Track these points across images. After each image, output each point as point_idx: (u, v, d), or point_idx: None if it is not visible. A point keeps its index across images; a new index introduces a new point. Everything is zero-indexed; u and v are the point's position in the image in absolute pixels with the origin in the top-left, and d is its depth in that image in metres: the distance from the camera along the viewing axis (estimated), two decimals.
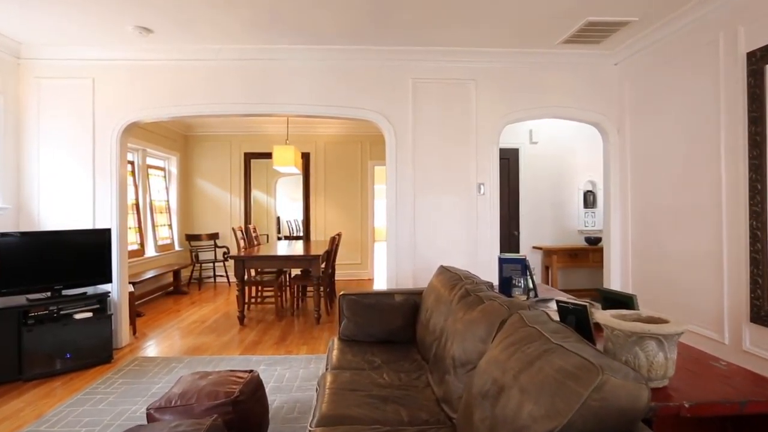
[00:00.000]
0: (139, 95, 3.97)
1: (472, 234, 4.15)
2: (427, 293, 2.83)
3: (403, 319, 2.82)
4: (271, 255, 4.77)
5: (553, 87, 4.17)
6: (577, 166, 5.81)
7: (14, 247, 3.41)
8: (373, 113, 4.09)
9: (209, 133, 7.51)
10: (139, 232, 6.07)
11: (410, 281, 4.09)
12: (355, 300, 2.90)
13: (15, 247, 3.41)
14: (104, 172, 3.95)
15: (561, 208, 5.82)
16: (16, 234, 3.45)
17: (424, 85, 4.11)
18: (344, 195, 7.62)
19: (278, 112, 4.05)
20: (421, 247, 4.12)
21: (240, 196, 7.57)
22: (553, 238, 5.79)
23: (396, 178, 4.11)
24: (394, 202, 4.11)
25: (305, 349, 3.94)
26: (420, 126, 4.12)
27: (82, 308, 3.58)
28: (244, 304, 4.75)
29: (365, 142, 7.59)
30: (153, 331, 4.57)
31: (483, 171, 4.16)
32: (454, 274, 2.70)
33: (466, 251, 4.15)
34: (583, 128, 5.76)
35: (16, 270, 3.40)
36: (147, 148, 6.31)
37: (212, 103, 4.00)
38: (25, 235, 3.46)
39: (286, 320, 4.95)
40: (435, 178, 4.14)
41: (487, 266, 4.14)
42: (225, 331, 4.54)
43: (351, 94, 4.08)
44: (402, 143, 4.11)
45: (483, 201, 4.16)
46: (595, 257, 5.47)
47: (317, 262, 4.68)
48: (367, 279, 7.63)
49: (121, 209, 3.97)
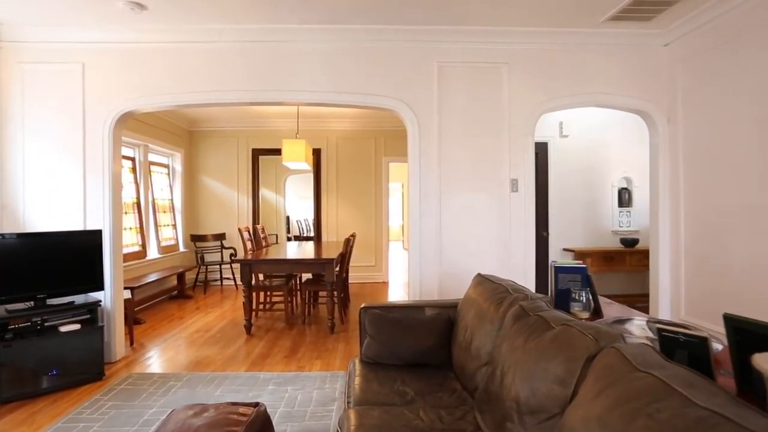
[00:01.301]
0: (134, 82, 3.58)
1: (504, 236, 3.71)
2: (464, 307, 2.40)
3: (436, 337, 2.39)
4: (281, 258, 4.36)
5: (596, 71, 3.71)
6: (611, 162, 5.34)
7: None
8: (394, 101, 3.67)
9: (215, 129, 7.13)
10: (140, 232, 5.71)
11: (435, 289, 3.67)
12: (379, 315, 2.47)
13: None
14: (96, 168, 3.56)
15: (593, 207, 5.35)
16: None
17: (451, 69, 3.68)
18: (357, 193, 7.20)
19: (287, 99, 3.64)
20: (448, 250, 3.69)
21: (247, 195, 7.19)
22: (585, 240, 5.32)
23: (419, 174, 3.68)
24: (418, 200, 3.68)
25: (319, 364, 3.53)
26: (446, 115, 3.68)
27: (70, 319, 3.20)
28: (251, 312, 4.35)
29: (379, 137, 7.17)
30: (152, 341, 4.19)
31: (516, 166, 3.72)
32: (498, 284, 2.27)
33: (498, 255, 3.71)
34: (618, 120, 5.29)
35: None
36: (149, 144, 5.94)
37: (214, 91, 3.60)
38: (2, 238, 3.09)
39: (297, 329, 4.54)
40: (463, 174, 3.70)
41: (520, 272, 3.70)
42: (230, 341, 4.15)
43: (368, 79, 3.66)
44: (426, 135, 3.68)
45: (516, 199, 3.72)
46: (632, 260, 5.00)
47: (331, 267, 4.27)
48: (381, 282, 7.22)
49: (114, 209, 3.59)
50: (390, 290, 6.68)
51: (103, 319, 3.51)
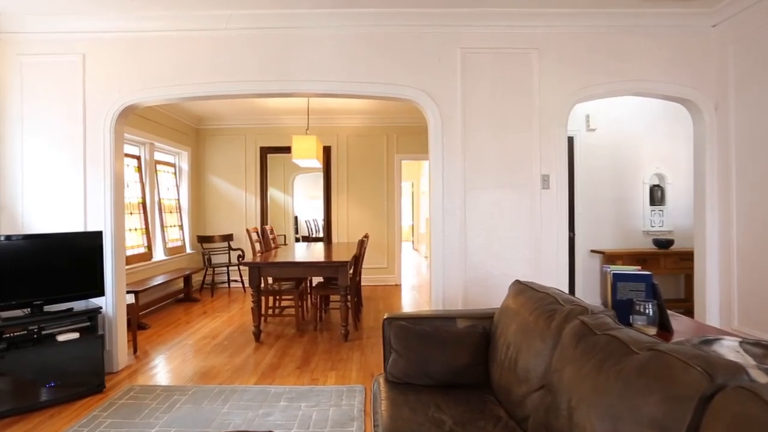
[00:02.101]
0: (136, 73, 3.34)
1: (535, 237, 3.41)
2: (502, 319, 2.12)
3: (471, 353, 2.11)
4: (292, 261, 4.10)
5: (635, 57, 3.40)
6: (643, 157, 5.01)
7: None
8: (414, 90, 3.38)
9: (222, 126, 6.90)
10: (146, 233, 5.48)
11: (459, 296, 3.38)
12: (406, 327, 2.20)
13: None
14: (96, 165, 3.32)
15: (623, 205, 5.03)
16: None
17: (476, 55, 3.39)
18: (369, 192, 6.93)
19: (299, 90, 3.38)
20: (474, 253, 3.40)
21: (255, 194, 6.95)
22: (614, 241, 5.00)
23: (442, 170, 3.39)
24: (441, 199, 3.39)
25: (334, 377, 3.26)
26: (471, 106, 3.40)
27: (68, 327, 2.97)
28: (260, 317, 4.10)
29: (391, 133, 6.89)
30: (157, 348, 3.95)
31: (548, 160, 3.42)
32: (544, 293, 1.99)
33: (528, 258, 3.42)
34: (649, 112, 4.96)
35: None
36: (155, 142, 5.72)
37: (221, 82, 3.34)
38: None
39: (308, 335, 4.28)
40: (489, 170, 3.41)
41: (552, 276, 3.41)
42: (239, 349, 3.89)
43: (386, 68, 3.38)
44: (449, 127, 3.40)
45: (548, 197, 3.42)
46: (667, 263, 4.67)
47: (345, 270, 4.00)
48: (393, 285, 6.94)
49: (116, 209, 3.35)
50: (403, 293, 6.39)
51: (104, 327, 3.27)
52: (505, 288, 3.38)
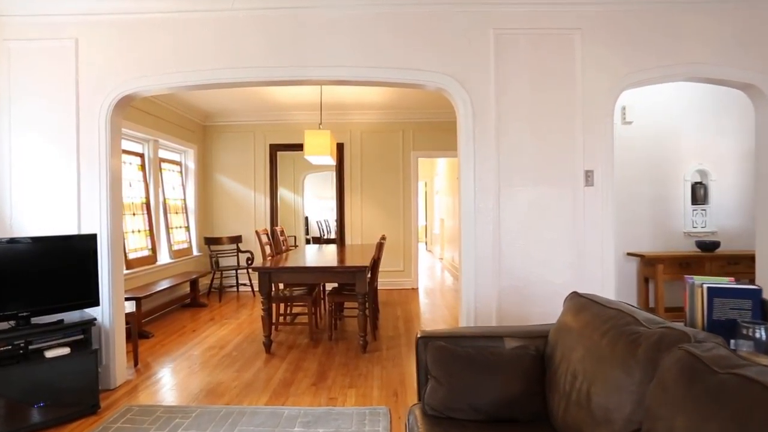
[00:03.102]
0: (134, 60, 3.03)
1: (578, 240, 3.05)
2: (561, 340, 1.76)
3: (524, 381, 1.76)
4: (305, 267, 3.77)
5: (691, 37, 3.02)
6: (684, 152, 4.61)
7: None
8: (441, 76, 3.04)
9: (230, 123, 6.60)
10: (150, 235, 5.20)
11: (493, 306, 3.03)
12: (445, 349, 1.85)
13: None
14: (91, 162, 3.02)
15: (661, 204, 4.63)
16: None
17: (511, 38, 3.03)
18: (384, 191, 6.59)
19: (312, 77, 3.04)
20: (509, 258, 3.04)
21: (265, 194, 6.64)
22: (652, 243, 4.61)
23: (473, 166, 3.04)
24: (472, 197, 3.04)
25: (353, 395, 2.93)
26: (505, 93, 3.04)
27: (58, 341, 2.66)
28: (270, 327, 3.78)
29: (407, 129, 6.55)
30: (159, 360, 3.64)
31: (592, 154, 3.06)
32: (615, 311, 1.63)
33: (571, 263, 3.05)
34: (692, 102, 4.57)
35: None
36: (159, 139, 5.43)
37: (227, 68, 3.02)
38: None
39: (323, 346, 3.95)
40: (526, 165, 3.05)
41: (597, 284, 3.04)
42: (248, 362, 3.57)
43: (410, 51, 3.04)
44: (481, 118, 3.04)
45: (592, 195, 3.06)
46: (713, 268, 4.27)
47: (363, 276, 3.67)
48: (410, 288, 6.59)
49: (113, 209, 3.04)
50: (420, 297, 6.04)
51: (101, 340, 2.97)
52: (546, 297, 3.03)
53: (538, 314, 3.05)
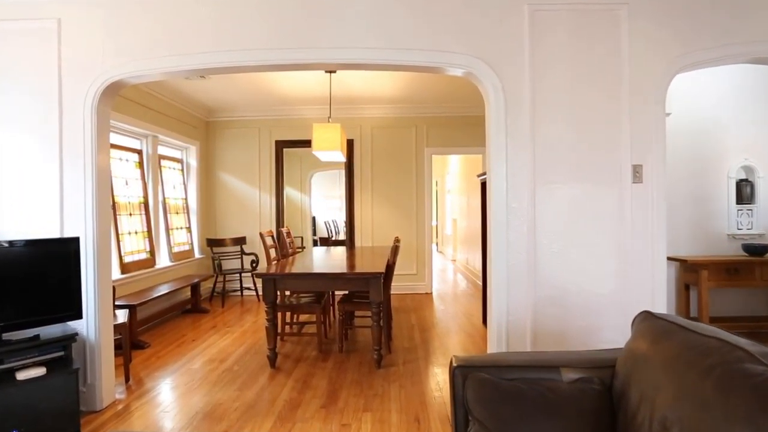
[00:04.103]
0: (124, 42, 2.70)
1: (624, 244, 2.68)
2: (637, 375, 1.40)
3: (591, 425, 1.40)
4: (314, 273, 3.43)
5: (757, 11, 2.63)
6: (728, 147, 4.21)
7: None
8: (468, 58, 2.67)
9: (234, 118, 6.28)
10: (148, 237, 4.88)
11: (528, 319, 2.66)
12: (490, 383, 1.49)
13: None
14: (75, 157, 2.69)
15: (702, 203, 4.23)
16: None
17: (547, 14, 2.66)
18: (395, 190, 6.23)
19: (322, 60, 2.69)
20: (546, 265, 2.68)
21: (271, 193, 6.31)
22: (692, 245, 4.21)
23: (505, 160, 2.68)
24: (504, 196, 2.68)
25: (369, 421, 2.57)
26: (542, 78, 2.68)
27: (33, 359, 2.34)
28: (275, 339, 3.44)
29: (421, 125, 6.18)
30: (154, 375, 3.31)
31: (640, 147, 2.69)
32: (714, 340, 1.26)
33: (615, 271, 2.68)
34: (737, 94, 4.17)
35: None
36: (159, 135, 5.12)
37: (227, 51, 2.68)
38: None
39: (333, 359, 3.61)
40: (565, 159, 2.69)
41: (646, 296, 2.67)
42: (251, 378, 3.24)
43: (433, 31, 2.68)
44: (514, 106, 2.68)
45: (640, 193, 2.69)
46: (764, 274, 3.87)
47: (378, 283, 3.31)
48: (424, 293, 6.23)
49: (100, 210, 2.71)
50: (435, 303, 5.68)
51: (85, 356, 2.64)
52: (587, 309, 2.66)
53: (579, 329, 2.69)
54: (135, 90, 4.60)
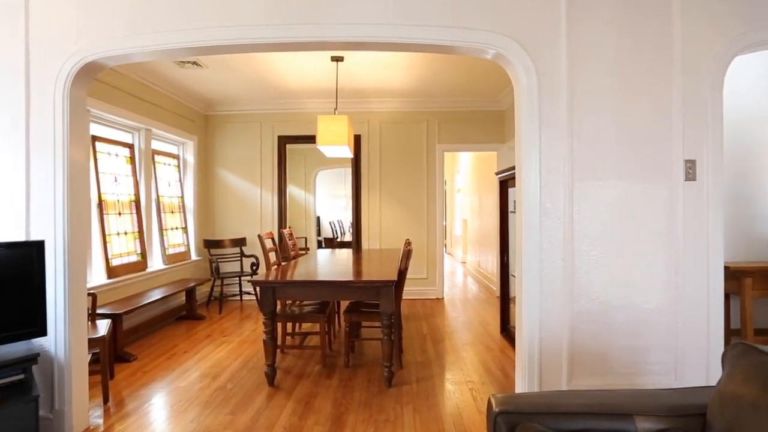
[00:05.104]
0: (101, 17, 2.35)
1: (675, 251, 2.32)
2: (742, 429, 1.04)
3: None
4: (318, 281, 3.08)
5: None
6: None
7: None
8: (495, 36, 2.31)
9: (235, 112, 5.94)
10: (139, 238, 4.55)
11: (563, 337, 2.30)
12: None
13: None
14: (44, 149, 2.35)
15: (743, 204, 3.84)
16: None
17: None
18: (405, 189, 5.87)
19: (328, 38, 2.34)
20: (585, 274, 2.32)
21: (273, 192, 5.97)
22: (734, 251, 3.81)
23: (538, 154, 2.31)
24: (537, 195, 2.32)
25: None
26: (581, 60, 2.31)
27: None
28: (274, 354, 3.09)
29: (432, 120, 5.82)
30: (137, 393, 2.97)
31: (694, 139, 2.32)
32: None
33: (665, 282, 2.32)
34: None
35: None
36: (153, 128, 4.79)
37: (221, 27, 2.33)
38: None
39: (338, 375, 3.26)
40: (607, 153, 2.33)
41: (701, 310, 2.30)
42: (246, 398, 2.89)
43: (454, 4, 2.32)
44: (550, 91, 2.32)
45: (694, 192, 2.32)
46: None
47: (390, 292, 2.96)
48: (435, 299, 5.87)
49: (72, 210, 2.37)
50: (447, 309, 5.32)
51: (53, 378, 2.30)
52: (632, 326, 2.31)
53: (623, 349, 2.33)
54: (125, 79, 4.27)
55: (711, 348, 2.34)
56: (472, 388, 3.03)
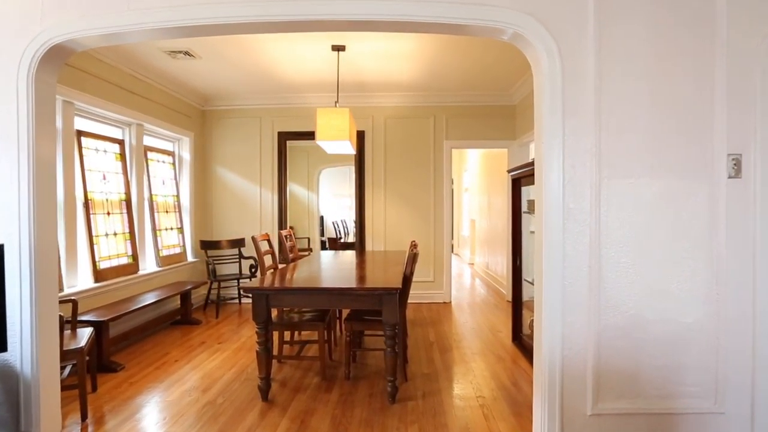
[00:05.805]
0: None
1: (717, 258, 2.04)
2: None
3: None
4: (315, 288, 2.82)
5: None
6: None
7: None
8: (514, 14, 2.04)
9: (233, 107, 5.71)
10: (130, 239, 4.33)
11: (589, 355, 2.03)
12: None
13: None
14: (6, 142, 2.12)
15: None
16: None
17: None
18: (411, 188, 5.61)
19: (326, 16, 2.08)
20: (613, 284, 2.05)
21: (273, 190, 5.73)
22: None
23: (562, 147, 2.05)
24: (559, 193, 2.05)
25: None
26: (610, 42, 2.04)
27: None
28: (268, 368, 2.84)
29: (440, 114, 5.55)
30: (120, 408, 2.74)
31: (739, 131, 2.05)
32: None
33: (706, 294, 2.05)
34: None
35: None
36: (145, 123, 4.56)
37: (206, 3, 2.08)
38: None
39: (338, 388, 3.01)
40: (640, 146, 2.06)
41: (746, 325, 2.03)
42: (237, 414, 2.65)
43: None
44: (574, 76, 2.05)
45: (739, 191, 2.05)
46: None
47: (393, 300, 2.70)
48: (442, 303, 5.60)
49: (39, 209, 2.14)
50: (457, 316, 5.05)
51: (19, 396, 2.07)
52: (668, 344, 2.05)
53: (657, 369, 2.06)
54: (114, 71, 4.05)
55: (757, 368, 2.06)
56: (483, 404, 2.77)
